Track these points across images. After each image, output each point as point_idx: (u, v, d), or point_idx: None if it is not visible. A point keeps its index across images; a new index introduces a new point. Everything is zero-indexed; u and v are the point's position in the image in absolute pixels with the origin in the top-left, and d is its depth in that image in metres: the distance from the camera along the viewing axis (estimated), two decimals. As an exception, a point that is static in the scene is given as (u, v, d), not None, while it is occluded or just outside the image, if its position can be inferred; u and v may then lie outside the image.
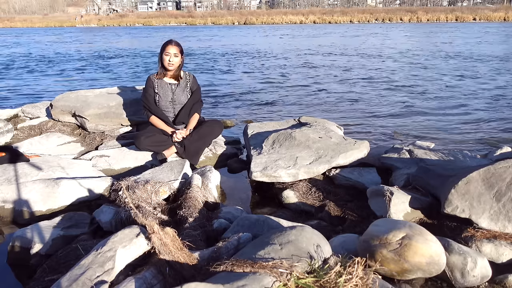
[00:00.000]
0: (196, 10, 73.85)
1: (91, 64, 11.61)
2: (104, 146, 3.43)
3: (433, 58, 11.75)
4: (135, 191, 2.21)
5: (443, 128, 4.69)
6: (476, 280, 1.61)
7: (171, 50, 3.13)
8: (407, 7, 60.23)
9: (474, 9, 49.77)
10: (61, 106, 3.85)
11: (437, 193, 2.13)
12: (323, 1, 78.52)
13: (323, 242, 1.49)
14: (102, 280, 1.35)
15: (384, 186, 2.21)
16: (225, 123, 4.76)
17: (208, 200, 2.36)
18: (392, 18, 46.90)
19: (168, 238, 1.46)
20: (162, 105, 3.25)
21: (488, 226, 1.86)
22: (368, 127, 4.77)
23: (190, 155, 3.05)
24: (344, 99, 6.41)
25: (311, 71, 9.76)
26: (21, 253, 1.91)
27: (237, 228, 1.89)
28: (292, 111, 5.62)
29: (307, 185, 2.62)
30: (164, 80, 3.26)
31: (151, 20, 51.92)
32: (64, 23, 49.79)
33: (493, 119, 5.09)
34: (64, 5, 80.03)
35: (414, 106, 5.80)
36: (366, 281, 1.23)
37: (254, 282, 1.18)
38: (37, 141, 3.43)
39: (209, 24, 48.63)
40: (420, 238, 1.54)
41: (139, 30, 37.25)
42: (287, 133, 2.99)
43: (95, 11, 60.99)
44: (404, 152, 2.86)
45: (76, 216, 2.19)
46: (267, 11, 61.45)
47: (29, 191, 2.40)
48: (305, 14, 50.62)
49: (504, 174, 1.90)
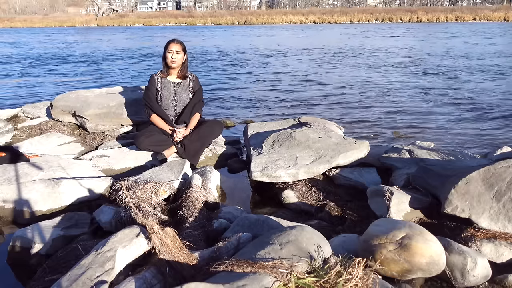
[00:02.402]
0: (196, 10, 73.86)
1: (91, 64, 11.61)
2: (104, 146, 3.43)
3: (433, 58, 11.75)
4: (135, 191, 2.21)
5: (443, 128, 4.69)
6: (476, 280, 1.61)
7: (174, 48, 3.18)
8: (407, 7, 60.24)
9: (474, 9, 49.75)
10: (61, 106, 3.86)
11: (437, 193, 2.12)
12: (323, 1, 78.49)
13: (323, 242, 1.49)
14: (102, 280, 1.35)
15: (384, 186, 2.21)
16: (225, 123, 4.76)
17: (208, 200, 2.36)
18: (392, 18, 46.92)
19: (168, 238, 1.46)
20: (163, 103, 3.26)
21: (488, 226, 1.86)
22: (368, 127, 4.77)
23: (190, 155, 3.06)
24: (345, 99, 6.41)
25: (311, 71, 9.76)
26: (21, 253, 1.92)
27: (237, 228, 1.89)
28: (292, 111, 5.62)
29: (307, 185, 2.62)
30: (167, 78, 3.28)
31: (151, 20, 51.89)
32: (64, 23, 49.79)
33: (493, 119, 5.09)
34: (64, 5, 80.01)
35: (414, 106, 5.81)
36: (366, 281, 1.24)
37: (254, 282, 1.18)
38: (37, 141, 3.43)
39: (209, 24, 48.63)
40: (420, 238, 1.54)
41: (139, 30, 37.26)
42: (287, 133, 2.99)
43: (95, 11, 60.93)
44: (404, 152, 2.86)
45: (76, 216, 2.19)
46: (267, 11, 61.44)
47: (29, 191, 2.40)
48: (305, 14, 50.62)
49: (504, 174, 1.90)
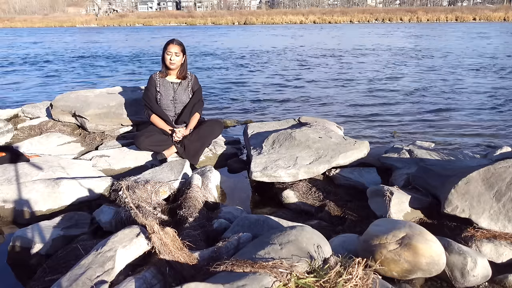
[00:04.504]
0: (196, 10, 73.85)
1: (91, 64, 11.61)
2: (104, 146, 3.43)
3: (434, 58, 11.75)
4: (135, 191, 2.21)
5: (443, 128, 4.69)
6: (476, 280, 1.61)
7: (173, 49, 3.16)
8: (407, 7, 60.24)
9: (474, 9, 49.75)
10: (61, 106, 3.86)
11: (437, 193, 2.12)
12: (323, 1, 78.47)
13: (323, 242, 1.49)
14: (102, 280, 1.35)
15: (384, 186, 2.21)
16: (225, 123, 4.76)
17: (208, 200, 2.36)
18: (392, 18, 46.94)
19: (168, 238, 1.46)
20: (163, 103, 3.26)
21: (488, 226, 1.86)
22: (368, 127, 4.77)
23: (190, 155, 3.06)
24: (344, 99, 6.41)
25: (311, 71, 9.76)
26: (21, 253, 1.92)
27: (237, 228, 1.89)
28: (292, 111, 5.62)
29: (307, 185, 2.62)
30: (167, 79, 3.28)
31: (151, 20, 51.90)
32: (64, 23, 49.80)
33: (493, 119, 5.09)
34: (64, 5, 80.00)
35: (414, 106, 5.80)
36: (366, 281, 1.23)
37: (254, 282, 1.18)
38: (37, 141, 3.43)
39: (209, 24, 48.64)
40: (420, 238, 1.54)
41: (139, 30, 37.25)
42: (287, 133, 2.98)
43: (95, 11, 60.95)
44: (404, 152, 2.86)
45: (76, 216, 2.19)
46: (267, 11, 61.43)
47: (29, 191, 2.40)
48: (305, 14, 50.63)
49: (504, 174, 1.90)
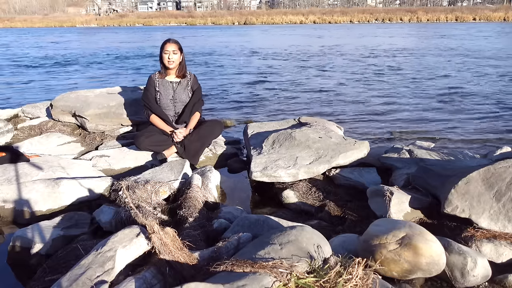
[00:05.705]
0: (196, 10, 73.86)
1: (91, 64, 11.61)
2: (104, 146, 3.43)
3: (434, 58, 11.75)
4: (135, 191, 2.21)
5: (443, 128, 4.69)
6: (476, 280, 1.61)
7: (170, 48, 3.16)
8: (407, 7, 60.26)
9: (474, 9, 49.78)
10: (61, 106, 3.86)
11: (437, 193, 2.12)
12: (323, 1, 78.48)
13: (323, 242, 1.49)
14: (102, 280, 1.35)
15: (384, 186, 2.21)
16: (225, 123, 4.76)
17: (208, 200, 2.36)
18: (392, 18, 46.97)
19: (168, 238, 1.46)
20: (163, 103, 3.26)
21: (488, 226, 1.86)
22: (368, 127, 4.77)
23: (190, 155, 3.05)
24: (344, 99, 6.41)
25: (311, 71, 9.76)
26: (21, 253, 1.92)
27: (237, 228, 1.89)
28: (292, 111, 5.62)
29: (307, 185, 2.62)
30: (166, 78, 3.28)
31: (151, 20, 51.93)
32: (64, 23, 49.81)
33: (493, 119, 5.08)
34: (64, 5, 79.99)
35: (414, 106, 5.80)
36: (366, 281, 1.23)
37: (254, 282, 1.18)
38: (37, 141, 3.43)
39: (209, 24, 48.66)
40: (420, 238, 1.54)
41: (139, 30, 37.25)
42: (287, 133, 2.98)
43: (95, 11, 60.97)
44: (404, 152, 2.86)
45: (76, 216, 2.19)
46: (267, 11, 61.45)
47: (29, 191, 2.40)
48: (305, 14, 50.66)
49: (504, 174, 1.90)
